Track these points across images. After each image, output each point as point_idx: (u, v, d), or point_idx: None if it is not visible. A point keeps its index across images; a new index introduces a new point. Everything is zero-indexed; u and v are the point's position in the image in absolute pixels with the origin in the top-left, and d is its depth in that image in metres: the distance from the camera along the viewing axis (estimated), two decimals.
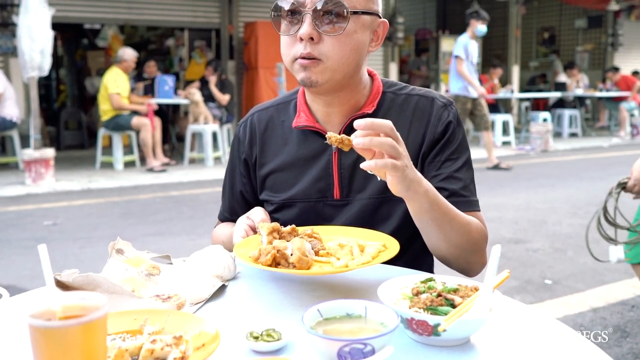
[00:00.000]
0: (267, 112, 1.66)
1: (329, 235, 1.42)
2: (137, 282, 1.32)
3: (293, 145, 1.59)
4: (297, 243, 1.23)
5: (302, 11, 1.40)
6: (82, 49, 14.28)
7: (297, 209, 1.58)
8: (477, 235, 1.46)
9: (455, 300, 1.09)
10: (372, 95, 1.55)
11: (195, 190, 7.80)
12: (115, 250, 1.45)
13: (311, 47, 1.40)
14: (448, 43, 15.51)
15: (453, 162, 1.52)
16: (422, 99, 1.56)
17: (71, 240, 5.34)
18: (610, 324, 3.40)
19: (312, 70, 1.41)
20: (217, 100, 10.05)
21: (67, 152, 11.36)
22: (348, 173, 1.54)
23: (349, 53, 1.43)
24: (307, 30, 1.38)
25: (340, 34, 1.39)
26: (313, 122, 1.55)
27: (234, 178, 1.72)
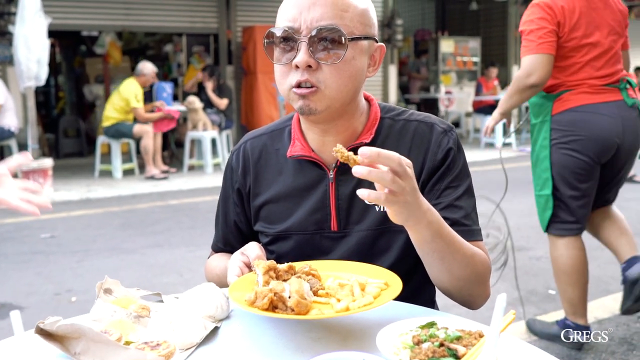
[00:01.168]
0: (260, 139, 1.60)
1: (328, 271, 1.36)
2: (125, 326, 1.26)
3: (288, 175, 1.53)
4: (295, 285, 1.17)
5: (298, 38, 1.34)
6: (80, 56, 14.22)
7: (293, 241, 1.52)
8: (482, 267, 1.40)
9: (459, 351, 1.03)
10: (370, 122, 1.49)
11: (195, 198, 7.74)
12: (103, 290, 1.39)
13: (309, 74, 1.34)
14: (447, 44, 15.47)
15: (454, 190, 1.46)
16: (421, 125, 1.50)
17: (69, 253, 5.28)
18: (617, 336, 3.34)
19: (310, 98, 1.36)
20: (216, 106, 9.99)
21: (66, 160, 11.31)
22: (345, 204, 1.48)
23: (348, 80, 1.37)
24: (304, 58, 1.33)
25: (338, 62, 1.34)
26: (308, 152, 1.48)
27: (227, 208, 1.66)
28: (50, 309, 3.92)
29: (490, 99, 12.54)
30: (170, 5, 11.95)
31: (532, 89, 3.10)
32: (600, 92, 3.09)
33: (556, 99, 3.15)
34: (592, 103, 3.08)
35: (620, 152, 3.13)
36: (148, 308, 1.34)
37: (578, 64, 3.09)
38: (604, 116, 3.07)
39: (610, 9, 3.12)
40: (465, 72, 15.77)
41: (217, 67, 11.23)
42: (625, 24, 3.19)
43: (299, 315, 1.13)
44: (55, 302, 4.08)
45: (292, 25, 1.34)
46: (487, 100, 12.61)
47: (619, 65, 3.16)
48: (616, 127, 3.07)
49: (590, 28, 3.07)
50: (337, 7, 1.34)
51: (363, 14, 1.39)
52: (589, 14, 3.07)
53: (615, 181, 3.30)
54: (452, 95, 14.62)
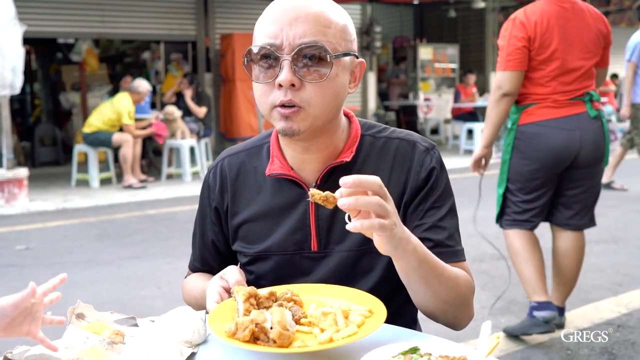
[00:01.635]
0: (237, 157, 1.56)
1: (310, 295, 1.32)
2: (98, 353, 1.22)
3: (267, 194, 1.49)
4: (277, 315, 1.13)
5: (280, 56, 1.30)
6: (56, 64, 14.07)
7: (273, 262, 1.48)
8: (466, 289, 1.39)
9: None
10: (351, 140, 1.46)
11: (173, 208, 7.67)
12: (75, 316, 1.35)
13: (292, 93, 1.30)
14: (426, 51, 15.53)
15: (437, 211, 1.43)
16: (403, 143, 1.47)
17: (44, 266, 5.19)
18: (597, 346, 3.33)
19: (294, 119, 1.32)
20: (194, 114, 9.93)
21: (42, 169, 11.16)
22: (326, 224, 1.44)
23: (331, 99, 1.34)
24: (288, 77, 1.28)
25: (323, 81, 1.30)
26: (288, 170, 1.45)
27: (204, 226, 1.61)
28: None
29: (469, 106, 12.60)
30: (148, 12, 11.87)
31: (506, 98, 3.33)
32: (563, 106, 3.29)
33: (523, 110, 3.38)
34: (554, 118, 3.30)
35: (578, 161, 3.34)
36: (122, 333, 1.30)
37: (546, 77, 3.29)
38: (563, 130, 3.29)
39: (588, 28, 3.30)
40: (444, 79, 15.85)
41: (195, 75, 11.17)
42: (603, 43, 3.36)
43: (282, 349, 1.09)
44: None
45: (274, 42, 1.30)
46: (466, 107, 12.67)
47: (588, 81, 3.33)
48: (574, 140, 3.29)
49: (563, 44, 3.25)
50: (319, 23, 1.30)
51: (344, 30, 1.35)
52: (562, 31, 3.25)
53: (575, 194, 3.45)
54: (431, 102, 14.68)
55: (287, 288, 1.30)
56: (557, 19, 3.25)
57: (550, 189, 3.44)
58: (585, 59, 3.29)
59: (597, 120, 3.32)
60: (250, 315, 1.15)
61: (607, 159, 3.40)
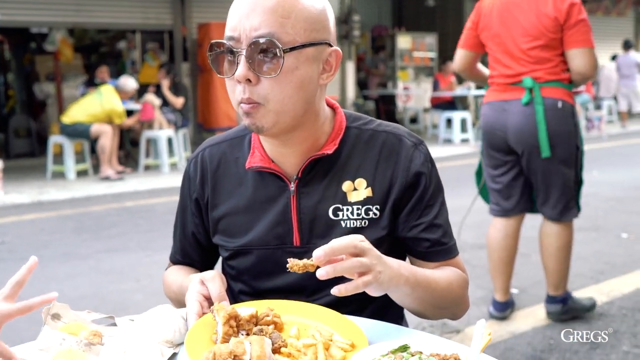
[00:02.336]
0: (219, 147, 1.51)
1: (292, 315, 1.27)
2: (75, 355, 1.17)
3: (248, 187, 1.44)
4: (257, 348, 1.06)
5: (237, 50, 1.24)
6: (30, 54, 13.82)
7: (254, 256, 1.44)
8: (460, 290, 1.40)
9: None
10: (335, 132, 1.41)
11: (151, 199, 7.58)
12: (50, 316, 1.29)
13: (249, 90, 1.25)
14: (404, 40, 15.51)
15: (431, 208, 1.42)
16: (390, 137, 1.43)
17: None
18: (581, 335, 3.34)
19: (255, 116, 1.27)
20: (171, 104, 9.81)
21: (17, 161, 10.98)
22: (308, 218, 1.40)
23: (292, 92, 1.27)
24: (242, 72, 1.23)
25: (277, 75, 1.24)
26: (268, 163, 1.40)
27: (185, 219, 1.56)
28: None
29: (448, 94, 12.61)
30: (123, 1, 11.68)
31: (462, 74, 3.73)
32: (505, 90, 3.39)
33: (485, 91, 3.62)
34: (493, 101, 3.46)
35: (512, 147, 3.41)
36: (100, 334, 1.25)
37: (492, 60, 3.46)
38: (494, 113, 3.43)
39: (532, 13, 3.25)
40: (423, 68, 15.85)
41: (172, 65, 11.04)
42: (551, 28, 3.22)
43: None
44: None
45: (233, 35, 1.25)
46: (445, 97, 12.68)
47: (535, 66, 3.29)
48: (499, 125, 3.40)
49: (502, 28, 3.34)
50: (276, 13, 1.23)
51: (309, 19, 1.27)
52: (501, 15, 3.34)
53: (536, 183, 3.47)
54: (410, 91, 14.68)
55: (268, 307, 1.24)
56: (500, 3, 3.35)
57: (507, 172, 3.51)
58: (525, 43, 3.27)
59: (528, 107, 3.29)
60: (230, 345, 1.09)
61: (546, 150, 3.27)
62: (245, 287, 1.49)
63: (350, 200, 1.39)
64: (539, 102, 3.26)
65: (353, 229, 1.38)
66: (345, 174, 1.40)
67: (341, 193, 1.39)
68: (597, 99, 15.22)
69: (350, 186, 1.39)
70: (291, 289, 1.43)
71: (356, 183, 1.39)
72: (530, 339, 3.30)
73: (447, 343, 1.12)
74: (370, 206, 1.38)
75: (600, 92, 15.21)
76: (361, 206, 1.38)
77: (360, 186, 1.39)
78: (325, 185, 1.39)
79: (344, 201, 1.39)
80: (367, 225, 1.38)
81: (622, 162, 9.86)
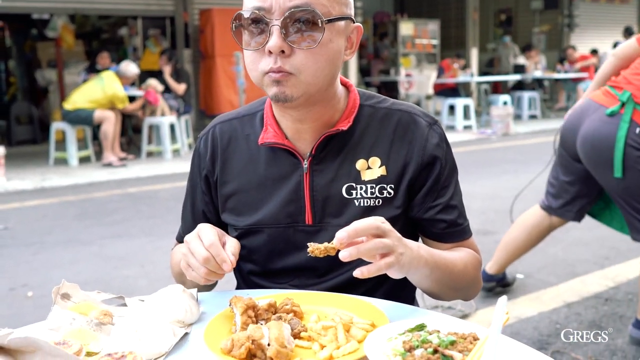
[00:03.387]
0: (230, 124, 1.48)
1: (311, 305, 1.25)
2: (85, 335, 1.15)
3: (260, 164, 1.42)
4: (275, 331, 1.05)
5: (269, 21, 1.22)
6: (31, 40, 13.75)
7: (266, 235, 1.41)
8: (474, 271, 1.40)
9: (455, 357, 0.95)
10: (348, 110, 1.39)
11: (154, 185, 7.55)
12: (60, 296, 1.28)
13: (282, 60, 1.23)
14: (407, 27, 15.43)
15: (447, 189, 1.41)
16: (405, 116, 1.41)
17: (23, 246, 5.08)
18: (586, 319, 3.33)
19: (285, 84, 1.25)
20: (173, 91, 9.77)
21: (19, 148, 10.96)
22: (321, 196, 1.38)
23: (324, 65, 1.26)
24: (277, 43, 1.21)
25: (315, 47, 1.23)
26: (282, 139, 1.38)
27: (195, 197, 1.54)
28: (5, 306, 3.75)
29: (452, 81, 12.56)
30: None
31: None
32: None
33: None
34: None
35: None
36: (110, 314, 1.23)
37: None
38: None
39: None
40: (425, 54, 15.77)
41: (174, 51, 10.98)
42: None
43: None
44: (11, 298, 3.91)
45: (262, 6, 1.23)
46: (448, 83, 12.63)
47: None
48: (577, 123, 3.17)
49: None
50: None
51: None
52: None
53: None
54: (412, 78, 14.62)
55: (287, 297, 1.23)
56: None
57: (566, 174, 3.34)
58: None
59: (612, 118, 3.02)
60: (247, 331, 1.07)
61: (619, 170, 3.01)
62: (255, 267, 1.47)
63: (364, 179, 1.37)
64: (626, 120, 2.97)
65: (366, 207, 1.36)
66: (359, 152, 1.38)
67: (355, 171, 1.37)
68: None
69: (364, 165, 1.37)
70: (302, 268, 1.41)
71: (370, 161, 1.37)
72: (536, 323, 3.29)
73: (463, 323, 1.10)
74: (385, 185, 1.37)
75: None
76: (375, 185, 1.37)
77: (374, 165, 1.37)
78: (339, 164, 1.38)
79: (357, 180, 1.37)
80: (380, 204, 1.37)
81: None
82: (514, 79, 14.41)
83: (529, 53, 14.63)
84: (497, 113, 11.89)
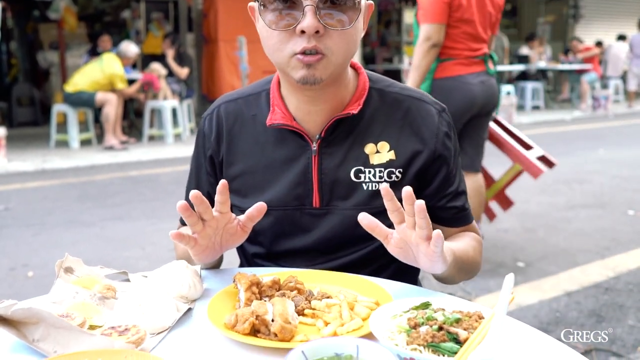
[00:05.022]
0: (235, 103, 1.46)
1: (315, 283, 1.24)
2: (89, 308, 1.15)
3: (266, 145, 1.40)
4: (279, 307, 1.05)
5: (303, 2, 1.19)
6: (33, 22, 13.68)
7: (272, 217, 1.40)
8: (479, 255, 1.44)
9: (460, 335, 0.95)
10: (358, 92, 1.38)
11: (156, 169, 7.54)
12: (63, 269, 1.27)
13: (316, 40, 1.21)
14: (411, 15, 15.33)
15: (455, 177, 1.43)
16: (415, 102, 1.40)
17: (24, 226, 5.08)
18: (586, 308, 3.33)
19: (316, 67, 1.23)
20: (176, 75, 9.74)
21: (20, 130, 10.93)
22: (329, 179, 1.37)
23: (352, 45, 1.27)
24: (313, 23, 1.19)
25: (350, 27, 1.23)
26: (290, 120, 1.36)
27: (199, 178, 1.52)
28: (5, 285, 3.75)
29: None
30: None
31: (435, 48, 3.65)
32: (470, 64, 3.76)
33: (439, 63, 3.74)
34: (464, 74, 3.73)
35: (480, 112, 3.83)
36: (114, 288, 1.23)
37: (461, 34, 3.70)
38: (471, 85, 3.72)
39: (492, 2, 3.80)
40: None
41: (177, 35, 10.93)
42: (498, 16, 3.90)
43: (283, 342, 1.02)
44: (11, 278, 3.91)
45: None
46: None
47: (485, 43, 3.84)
48: (479, 93, 3.74)
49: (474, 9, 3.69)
50: None
51: None
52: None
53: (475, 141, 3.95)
54: None
55: (291, 275, 1.22)
56: None
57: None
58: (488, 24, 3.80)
59: (493, 77, 3.88)
60: (251, 306, 1.07)
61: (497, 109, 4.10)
62: (260, 249, 1.46)
63: (373, 163, 1.36)
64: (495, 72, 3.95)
65: (374, 191, 1.35)
66: (368, 136, 1.37)
67: (363, 155, 1.37)
68: (604, 78, 15.10)
69: (373, 149, 1.37)
70: (308, 250, 1.40)
71: (379, 146, 1.37)
72: (536, 311, 3.29)
73: (467, 303, 1.10)
74: (393, 169, 1.36)
75: (608, 72, 15.08)
76: (383, 169, 1.36)
77: (383, 149, 1.37)
78: (348, 147, 1.37)
79: (366, 163, 1.36)
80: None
81: (629, 141, 9.80)
82: (517, 69, 14.36)
83: (532, 43, 14.56)
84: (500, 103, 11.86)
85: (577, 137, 10.22)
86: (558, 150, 8.76)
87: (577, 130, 11.18)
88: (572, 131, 11.04)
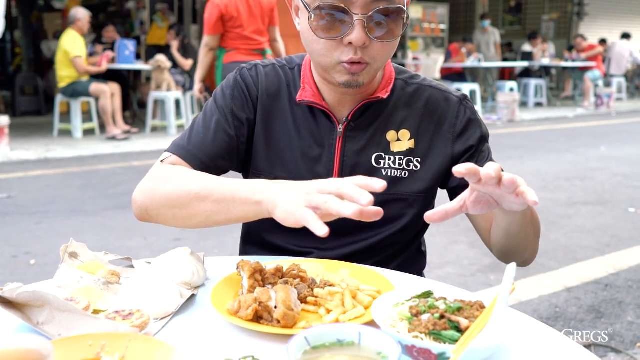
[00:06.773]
0: (273, 68, 1.45)
1: (317, 272, 1.25)
2: (93, 293, 1.16)
3: (296, 119, 1.41)
4: (282, 294, 1.06)
5: (353, 14, 1.21)
6: (37, 11, 13.68)
7: None
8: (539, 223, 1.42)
9: (461, 323, 0.96)
10: (385, 81, 1.42)
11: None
12: (68, 254, 1.29)
13: (362, 51, 1.25)
14: (415, 10, 15.35)
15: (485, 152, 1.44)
16: (436, 93, 1.43)
17: (27, 215, 5.10)
18: (585, 304, 3.34)
19: (360, 74, 1.28)
20: (180, 66, 9.74)
21: (23, 119, 10.94)
22: (351, 162, 1.39)
23: (393, 50, 1.31)
24: (361, 37, 1.22)
25: (393, 40, 1.27)
26: (319, 100, 1.39)
27: (217, 129, 1.39)
28: (7, 272, 3.77)
29: (459, 66, 12.51)
30: None
31: (211, 51, 5.68)
32: (249, 54, 5.51)
33: (226, 53, 5.60)
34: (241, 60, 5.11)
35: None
36: (118, 274, 1.24)
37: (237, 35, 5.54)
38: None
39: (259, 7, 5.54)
40: (433, 38, 15.69)
41: (182, 26, 10.93)
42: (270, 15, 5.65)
43: (285, 329, 1.03)
44: (13, 265, 3.93)
45: None
46: (455, 68, 12.58)
47: (263, 38, 5.64)
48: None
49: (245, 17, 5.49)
50: None
51: None
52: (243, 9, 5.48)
53: None
54: (419, 61, 14.56)
55: (293, 263, 1.23)
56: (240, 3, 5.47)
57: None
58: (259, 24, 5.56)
59: None
60: (254, 293, 1.08)
61: None
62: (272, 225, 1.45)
63: (393, 150, 1.39)
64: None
65: (393, 178, 1.38)
66: (391, 123, 1.40)
67: (385, 141, 1.39)
68: (607, 76, 15.08)
69: (394, 136, 1.39)
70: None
71: (400, 134, 1.40)
72: (536, 306, 3.30)
73: (468, 293, 1.10)
74: (412, 158, 1.39)
75: (611, 70, 15.06)
76: (403, 157, 1.39)
77: (403, 137, 1.40)
78: (372, 132, 1.39)
79: (386, 150, 1.39)
80: (406, 177, 1.39)
81: (630, 139, 9.80)
82: (521, 65, 14.34)
83: (534, 41, 14.54)
84: (503, 99, 11.86)
85: (579, 134, 10.22)
86: (560, 147, 8.78)
87: (579, 127, 11.17)
88: (575, 128, 11.03)
